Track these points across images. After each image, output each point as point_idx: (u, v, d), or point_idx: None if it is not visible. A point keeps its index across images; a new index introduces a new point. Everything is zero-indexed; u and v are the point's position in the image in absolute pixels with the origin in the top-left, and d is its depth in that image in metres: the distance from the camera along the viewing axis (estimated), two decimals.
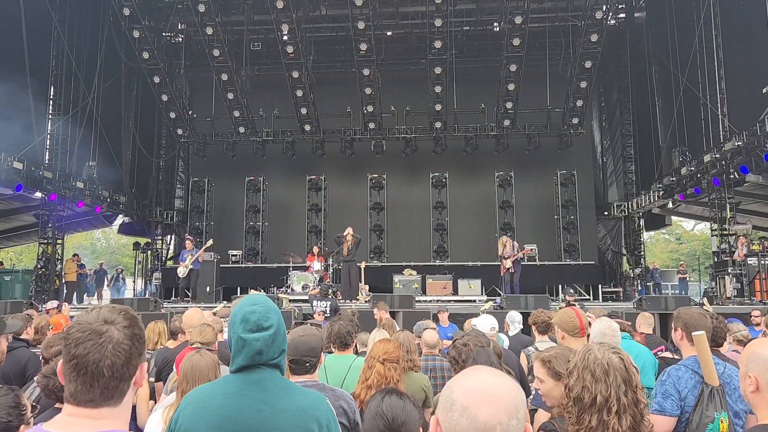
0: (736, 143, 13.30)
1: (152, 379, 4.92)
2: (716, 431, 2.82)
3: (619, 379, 1.89)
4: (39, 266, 16.51)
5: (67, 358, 1.43)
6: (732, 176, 14.06)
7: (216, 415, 1.89)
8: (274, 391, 1.94)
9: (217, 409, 1.90)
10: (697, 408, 2.88)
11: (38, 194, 16.19)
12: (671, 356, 4.80)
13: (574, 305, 8.05)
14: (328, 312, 9.76)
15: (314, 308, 10.31)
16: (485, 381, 1.26)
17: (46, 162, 16.73)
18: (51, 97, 17.35)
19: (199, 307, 12.00)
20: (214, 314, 7.29)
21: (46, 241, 16.71)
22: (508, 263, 13.87)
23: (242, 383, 1.94)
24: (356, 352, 4.35)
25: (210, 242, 15.23)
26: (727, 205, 14.74)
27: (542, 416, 3.28)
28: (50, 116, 17.28)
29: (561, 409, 2.67)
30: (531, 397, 4.93)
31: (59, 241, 17.20)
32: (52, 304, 9.41)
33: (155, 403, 4.39)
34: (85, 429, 1.41)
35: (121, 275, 22.40)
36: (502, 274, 14.19)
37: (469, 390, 1.24)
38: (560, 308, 5.73)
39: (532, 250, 17.87)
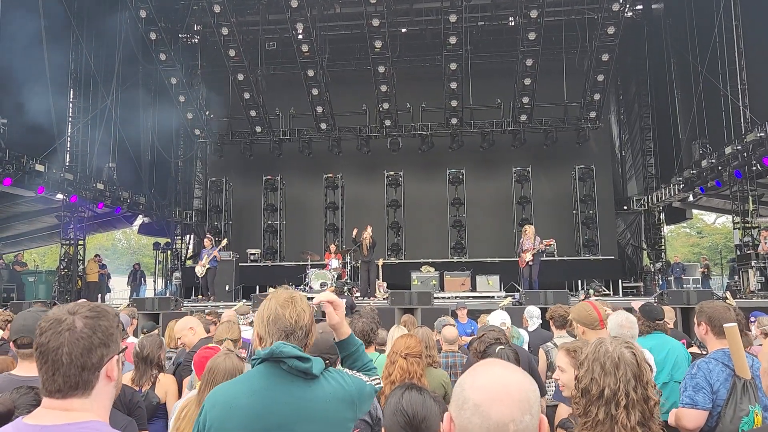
0: (759, 134, 13.07)
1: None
2: (751, 424, 2.77)
3: (629, 374, 1.87)
4: (61, 267, 16.76)
5: (35, 348, 1.46)
6: (754, 168, 13.83)
7: (244, 414, 1.88)
8: (298, 381, 1.91)
9: (245, 408, 1.88)
10: (730, 401, 2.83)
11: (60, 196, 16.44)
12: (699, 351, 4.74)
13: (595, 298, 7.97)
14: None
15: None
16: (497, 377, 1.25)
17: (67, 164, 16.97)
18: (71, 100, 17.59)
19: (218, 305, 12.14)
20: (234, 312, 7.43)
21: (68, 242, 16.96)
22: (528, 256, 13.64)
23: (266, 379, 1.93)
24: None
25: (224, 242, 15.39)
26: (750, 197, 14.50)
27: (563, 411, 3.26)
28: (70, 119, 17.53)
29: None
30: (552, 393, 4.92)
31: (81, 242, 17.45)
32: (81, 302, 9.54)
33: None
34: (58, 420, 1.42)
35: (139, 272, 21.71)
36: (521, 268, 14.02)
37: (481, 387, 1.23)
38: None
39: (550, 245, 17.73)
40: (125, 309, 9.19)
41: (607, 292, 17.34)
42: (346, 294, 11.48)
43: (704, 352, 4.04)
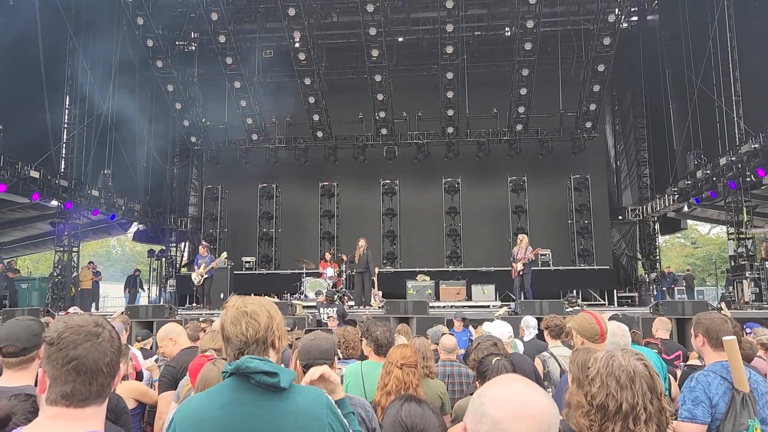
0: (753, 146, 13.16)
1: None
2: None
3: (645, 387, 1.84)
4: (55, 274, 16.66)
5: (64, 361, 1.49)
6: (749, 179, 13.91)
7: (215, 427, 1.85)
8: (269, 394, 1.87)
9: (215, 421, 1.85)
10: (729, 415, 2.81)
11: (54, 203, 16.36)
12: (699, 363, 4.73)
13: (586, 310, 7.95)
14: (335, 318, 9.77)
15: (320, 315, 10.32)
16: (520, 395, 1.21)
17: (62, 171, 16.92)
18: (66, 106, 17.57)
19: (213, 313, 12.08)
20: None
21: (62, 249, 16.87)
22: (519, 266, 13.64)
23: (236, 392, 1.89)
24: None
25: (224, 255, 15.35)
26: (744, 208, 14.56)
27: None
28: (66, 125, 17.50)
29: (567, 411, 2.67)
30: None
31: (75, 249, 17.36)
32: (74, 310, 9.54)
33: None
34: (64, 430, 1.46)
35: (138, 278, 21.26)
36: (513, 278, 14.02)
37: (503, 403, 1.19)
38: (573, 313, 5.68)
39: (545, 255, 17.76)
40: (118, 317, 9.13)
41: (578, 303, 17.26)
42: (337, 302, 11.43)
43: (704, 364, 4.03)
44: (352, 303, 14.08)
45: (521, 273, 13.63)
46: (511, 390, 1.22)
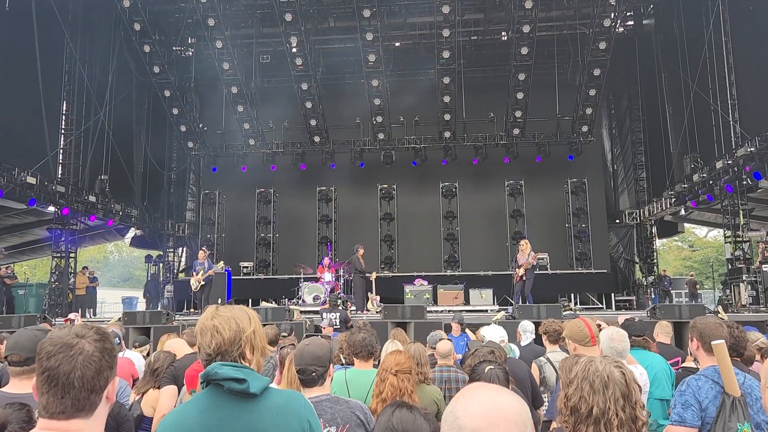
0: (749, 149, 13.20)
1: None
2: None
3: (617, 393, 1.86)
4: (52, 280, 16.62)
5: (39, 371, 1.47)
6: (745, 182, 13.94)
7: (196, 430, 1.89)
8: (247, 397, 1.92)
9: (195, 427, 1.90)
10: (719, 419, 2.82)
11: (51, 208, 16.35)
12: (695, 367, 4.74)
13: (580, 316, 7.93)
14: (337, 323, 9.75)
15: (323, 320, 10.31)
16: (490, 402, 1.24)
17: (59, 176, 16.90)
18: (63, 112, 17.58)
19: None
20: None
21: (59, 254, 16.84)
22: (521, 271, 13.62)
23: (215, 397, 1.93)
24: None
25: (221, 264, 15.37)
26: (740, 211, 14.58)
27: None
28: (63, 131, 17.50)
29: (560, 418, 2.67)
30: (545, 408, 4.89)
31: (72, 255, 17.33)
32: (74, 316, 9.56)
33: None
34: None
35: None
36: (515, 282, 14.00)
37: (476, 414, 1.22)
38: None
39: (543, 259, 17.74)
40: (115, 323, 9.12)
41: (571, 307, 17.26)
42: (341, 307, 11.40)
43: (699, 367, 4.04)
44: (354, 308, 14.07)
45: (523, 278, 13.62)
46: (480, 399, 1.26)
